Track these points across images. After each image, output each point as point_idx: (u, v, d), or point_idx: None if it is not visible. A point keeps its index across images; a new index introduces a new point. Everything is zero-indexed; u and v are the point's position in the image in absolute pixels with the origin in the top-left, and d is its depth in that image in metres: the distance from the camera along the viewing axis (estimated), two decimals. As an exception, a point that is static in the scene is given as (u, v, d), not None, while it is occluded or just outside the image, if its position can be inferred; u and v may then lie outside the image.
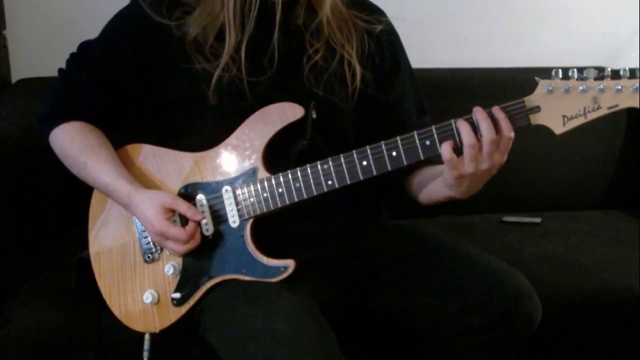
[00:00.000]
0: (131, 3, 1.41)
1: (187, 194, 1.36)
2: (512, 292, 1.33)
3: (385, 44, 1.46)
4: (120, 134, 1.45)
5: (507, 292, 1.33)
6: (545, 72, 1.21)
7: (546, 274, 1.71)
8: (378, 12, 1.48)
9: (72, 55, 1.45)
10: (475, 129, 1.20)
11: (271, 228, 1.33)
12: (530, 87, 1.21)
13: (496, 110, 1.20)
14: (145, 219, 1.31)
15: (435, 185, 1.34)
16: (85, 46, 1.44)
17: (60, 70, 1.45)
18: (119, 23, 1.42)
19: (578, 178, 2.21)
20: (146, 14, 1.36)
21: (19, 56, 2.04)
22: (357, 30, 1.42)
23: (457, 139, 1.21)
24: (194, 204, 1.34)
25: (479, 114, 1.20)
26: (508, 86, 2.08)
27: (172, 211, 1.31)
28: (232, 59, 1.34)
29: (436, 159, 1.32)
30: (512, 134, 1.20)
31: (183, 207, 1.31)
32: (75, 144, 1.38)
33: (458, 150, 1.22)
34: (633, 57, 2.31)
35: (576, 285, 1.69)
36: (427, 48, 2.13)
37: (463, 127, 1.20)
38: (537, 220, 2.06)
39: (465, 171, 1.21)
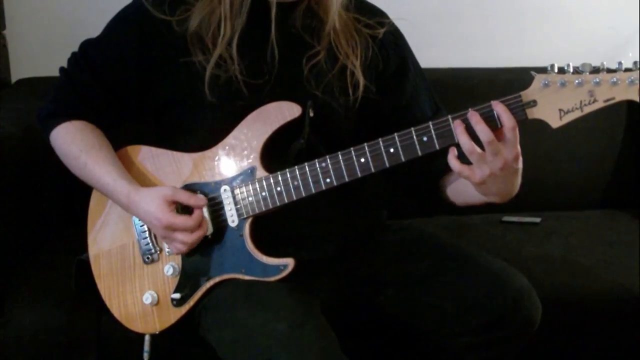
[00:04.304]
0: (133, 2, 1.41)
1: (186, 194, 1.36)
2: (512, 292, 1.33)
3: (389, 46, 1.45)
4: (120, 134, 1.45)
5: (507, 292, 1.33)
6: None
7: (546, 274, 1.71)
8: (380, 15, 1.47)
9: (74, 54, 1.45)
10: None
11: (270, 227, 1.33)
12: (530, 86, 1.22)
13: (495, 104, 1.20)
14: (149, 216, 1.30)
15: (470, 191, 1.31)
16: (86, 45, 1.44)
17: (61, 69, 1.45)
18: (120, 22, 1.42)
19: (577, 178, 2.20)
20: (148, 12, 1.36)
21: (19, 56, 2.04)
22: (361, 37, 1.41)
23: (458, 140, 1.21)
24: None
25: (472, 117, 1.20)
26: (508, 86, 2.04)
27: (174, 203, 1.31)
28: (228, 55, 1.33)
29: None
30: (514, 123, 1.19)
31: (184, 196, 1.31)
32: (76, 143, 1.38)
33: (463, 157, 1.22)
34: (630, 56, 2.30)
35: (576, 285, 1.69)
36: (427, 48, 2.12)
37: (461, 136, 1.20)
38: (537, 220, 2.05)
39: (481, 176, 1.21)
